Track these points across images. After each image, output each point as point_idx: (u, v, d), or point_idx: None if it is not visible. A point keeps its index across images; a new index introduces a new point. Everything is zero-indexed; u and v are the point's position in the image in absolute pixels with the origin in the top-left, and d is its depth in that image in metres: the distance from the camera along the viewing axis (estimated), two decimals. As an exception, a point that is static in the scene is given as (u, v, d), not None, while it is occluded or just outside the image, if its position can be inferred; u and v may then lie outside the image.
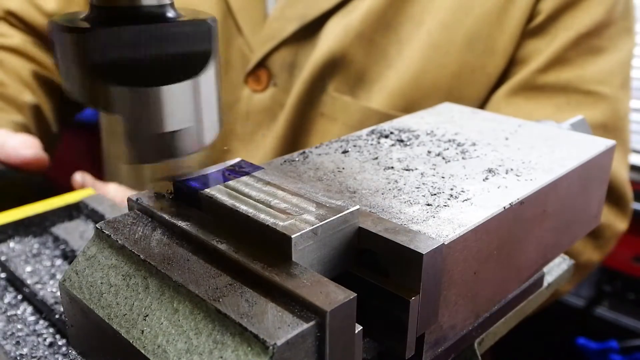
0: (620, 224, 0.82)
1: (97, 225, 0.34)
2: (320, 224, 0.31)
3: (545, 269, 0.47)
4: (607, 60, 0.78)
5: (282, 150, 0.85)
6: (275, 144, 0.84)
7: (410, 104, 0.79)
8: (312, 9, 0.80)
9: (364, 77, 0.81)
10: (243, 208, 0.32)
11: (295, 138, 0.85)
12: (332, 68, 0.80)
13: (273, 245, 0.30)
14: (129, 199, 0.36)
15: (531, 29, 0.78)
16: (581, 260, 0.80)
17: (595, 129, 0.74)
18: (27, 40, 0.96)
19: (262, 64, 0.84)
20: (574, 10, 0.76)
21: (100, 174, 1.03)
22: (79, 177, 0.70)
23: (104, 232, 0.33)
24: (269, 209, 0.32)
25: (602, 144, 0.46)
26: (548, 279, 0.49)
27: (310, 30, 0.81)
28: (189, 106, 0.31)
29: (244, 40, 0.84)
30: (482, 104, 0.81)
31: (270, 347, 0.25)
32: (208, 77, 0.31)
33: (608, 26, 0.77)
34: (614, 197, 0.80)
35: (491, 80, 0.80)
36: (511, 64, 0.79)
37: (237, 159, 0.39)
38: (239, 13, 0.84)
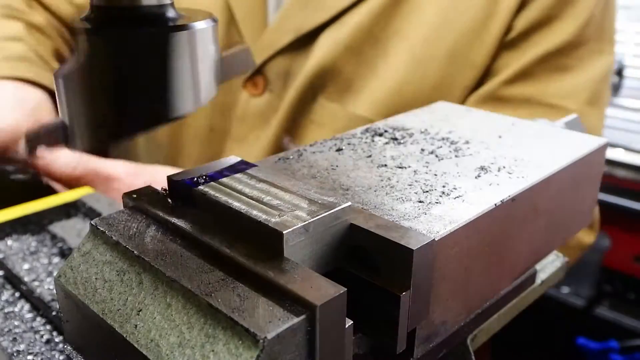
0: (586, 237, 0.86)
1: (92, 222, 0.34)
2: (312, 220, 0.31)
3: (538, 266, 0.48)
4: (573, 78, 0.81)
5: (274, 153, 0.88)
6: (268, 147, 0.89)
7: (393, 112, 0.82)
8: (307, 22, 0.85)
9: (352, 86, 0.85)
10: (236, 205, 0.33)
11: None
12: (323, 78, 0.85)
13: (265, 241, 0.31)
14: (124, 196, 0.36)
15: (505, 43, 0.81)
16: None
17: None
18: (49, 20, 0.99)
19: (259, 70, 0.89)
20: (544, 30, 0.80)
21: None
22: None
23: (99, 229, 0.34)
24: (261, 205, 0.33)
25: (594, 142, 0.46)
26: (541, 276, 0.49)
27: (304, 41, 0.86)
28: None
29: None
30: None
31: (261, 341, 0.26)
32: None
33: (577, 46, 0.81)
34: None
35: (467, 92, 0.84)
36: (485, 75, 0.83)
37: (231, 157, 0.39)
38: (241, 22, 0.89)
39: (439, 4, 0.80)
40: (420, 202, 0.36)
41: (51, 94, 0.86)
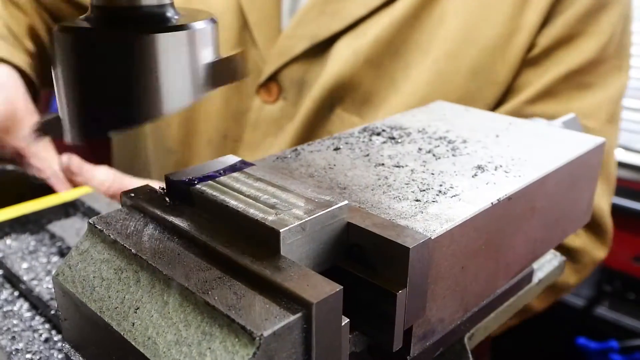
0: (599, 253, 0.85)
1: (90, 221, 0.34)
2: (309, 218, 0.31)
3: (535, 265, 0.48)
4: (594, 96, 0.80)
5: None
6: None
7: None
8: (323, 30, 0.82)
9: (370, 99, 0.83)
10: (233, 203, 0.33)
11: None
12: (341, 90, 0.83)
13: (262, 239, 0.31)
14: (122, 195, 0.36)
15: (528, 60, 0.80)
16: (557, 281, 0.83)
17: None
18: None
19: (273, 77, 0.87)
20: (567, 47, 0.79)
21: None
22: (65, 158, 0.70)
23: (97, 227, 0.34)
24: (258, 204, 0.33)
25: (591, 141, 0.46)
26: (539, 275, 0.49)
27: (320, 49, 0.84)
28: None
29: (258, 53, 0.87)
30: None
31: (257, 338, 0.26)
32: None
33: (599, 64, 0.80)
34: (594, 226, 0.83)
35: (489, 108, 0.82)
36: (507, 92, 0.82)
37: (230, 156, 0.39)
38: (254, 27, 0.87)
39: (462, 18, 0.79)
40: (417, 200, 0.36)
41: (21, 73, 0.84)
